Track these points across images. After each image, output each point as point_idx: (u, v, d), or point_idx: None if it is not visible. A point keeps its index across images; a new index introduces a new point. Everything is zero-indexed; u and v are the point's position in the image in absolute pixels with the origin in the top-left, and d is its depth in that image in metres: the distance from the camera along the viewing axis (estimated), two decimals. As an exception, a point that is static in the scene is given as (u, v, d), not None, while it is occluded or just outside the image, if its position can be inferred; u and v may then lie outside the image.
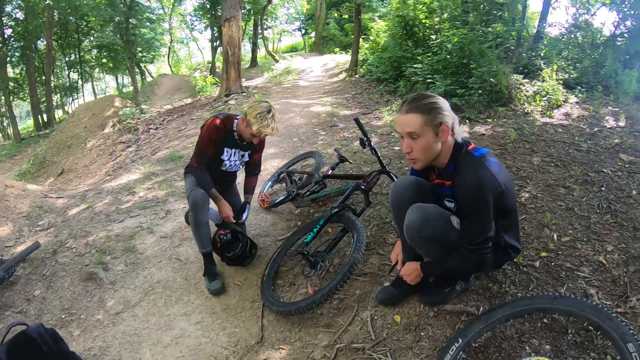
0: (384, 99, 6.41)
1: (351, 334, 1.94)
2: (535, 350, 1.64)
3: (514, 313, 1.57)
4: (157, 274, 2.66)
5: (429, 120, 1.53)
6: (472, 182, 1.52)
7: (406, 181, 1.84)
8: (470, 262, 1.64)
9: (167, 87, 13.94)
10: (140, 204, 3.54)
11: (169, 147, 5.54)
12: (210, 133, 2.45)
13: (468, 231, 1.59)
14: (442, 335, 1.79)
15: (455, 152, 1.61)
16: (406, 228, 1.68)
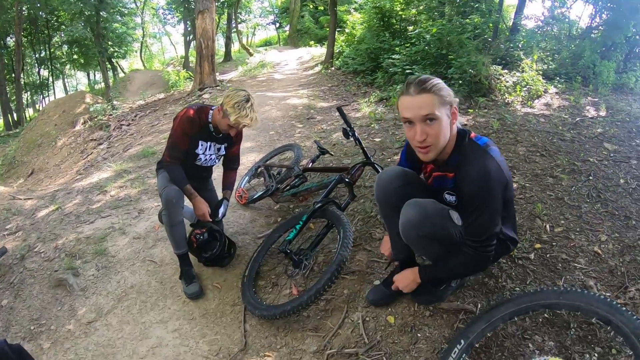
0: (362, 90, 6.29)
1: (342, 338, 1.79)
2: (539, 347, 1.55)
3: (518, 310, 1.46)
4: (130, 278, 2.45)
5: (444, 100, 1.37)
6: (479, 174, 1.38)
7: (392, 172, 1.68)
8: (474, 262, 1.50)
9: (140, 83, 13.54)
10: (111, 203, 3.35)
11: (141, 143, 5.31)
12: (184, 125, 2.23)
13: (473, 227, 1.45)
14: (440, 335, 1.67)
15: (459, 141, 1.47)
16: (403, 226, 1.52)
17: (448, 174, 1.55)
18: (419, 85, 1.37)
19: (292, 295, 2.19)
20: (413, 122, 1.39)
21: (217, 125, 2.29)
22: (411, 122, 1.40)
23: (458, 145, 1.47)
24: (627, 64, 4.38)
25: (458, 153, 1.47)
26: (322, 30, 14.30)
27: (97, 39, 12.23)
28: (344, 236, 2.01)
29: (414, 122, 1.39)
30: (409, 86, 1.40)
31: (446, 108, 1.38)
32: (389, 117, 4.67)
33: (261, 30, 31.69)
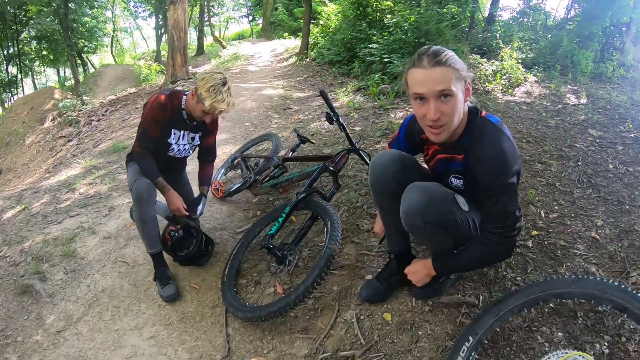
0: (338, 81, 6.13)
1: (335, 339, 1.63)
2: (547, 340, 1.45)
3: (528, 301, 1.35)
4: (101, 282, 2.23)
5: (459, 74, 1.21)
6: (497, 154, 1.24)
7: (388, 156, 1.52)
8: (499, 250, 1.36)
9: (111, 78, 13.09)
10: (80, 201, 3.14)
11: (112, 138, 5.07)
12: (154, 112, 1.99)
13: (495, 212, 1.30)
14: (442, 332, 1.54)
15: (470, 120, 1.32)
16: (406, 212, 1.37)
17: (457, 155, 1.40)
18: (433, 57, 1.20)
19: (276, 294, 2.01)
20: (426, 98, 1.22)
21: (190, 112, 2.06)
22: (423, 98, 1.23)
23: (469, 124, 1.32)
24: (604, 53, 4.47)
25: (469, 133, 1.33)
26: (296, 22, 14.03)
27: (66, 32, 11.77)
28: (332, 228, 1.84)
29: (427, 99, 1.22)
30: (421, 57, 1.21)
31: (461, 83, 1.23)
32: (368, 105, 4.55)
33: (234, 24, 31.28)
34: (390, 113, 4.11)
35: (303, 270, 2.10)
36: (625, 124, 2.95)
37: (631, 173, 2.32)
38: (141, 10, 20.48)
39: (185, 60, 7.43)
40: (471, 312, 1.59)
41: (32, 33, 16.78)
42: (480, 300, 1.63)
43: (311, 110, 4.78)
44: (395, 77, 4.81)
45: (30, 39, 17.92)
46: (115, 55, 24.27)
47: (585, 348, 1.41)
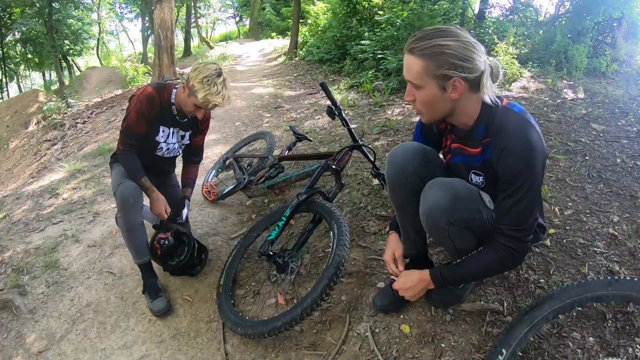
0: (330, 79, 6.01)
1: (348, 356, 1.48)
2: (579, 346, 1.34)
3: (563, 307, 1.23)
4: (86, 295, 2.04)
5: (432, 68, 1.09)
6: (522, 147, 1.11)
7: (409, 148, 1.39)
8: (511, 256, 1.22)
9: (97, 80, 12.83)
10: (64, 207, 2.98)
11: (97, 141, 4.94)
12: (141, 105, 1.80)
13: (514, 212, 1.17)
14: (467, 343, 1.41)
15: (485, 110, 1.19)
16: (428, 212, 1.24)
17: (471, 148, 1.28)
18: (411, 43, 1.12)
19: (279, 306, 1.85)
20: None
21: (181, 107, 1.88)
22: None
23: (485, 115, 1.19)
24: (597, 48, 4.48)
25: (487, 123, 1.19)
26: (284, 22, 13.88)
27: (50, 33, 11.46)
28: (339, 232, 1.68)
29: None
30: (408, 41, 1.15)
31: (438, 79, 1.10)
32: (363, 103, 4.44)
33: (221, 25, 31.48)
34: (387, 110, 4.00)
35: (306, 278, 1.96)
36: (627, 118, 2.91)
37: (638, 167, 2.26)
38: (127, 12, 20.36)
39: (172, 60, 7.26)
40: (496, 319, 1.47)
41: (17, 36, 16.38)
42: (505, 307, 1.51)
43: (304, 109, 4.63)
44: (389, 73, 4.71)
45: (15, 42, 17.46)
46: (102, 58, 24.02)
47: (618, 353, 1.31)
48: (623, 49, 4.52)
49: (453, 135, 1.34)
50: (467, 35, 1.11)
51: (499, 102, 1.19)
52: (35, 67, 19.37)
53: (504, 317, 1.47)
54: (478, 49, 1.11)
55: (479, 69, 1.11)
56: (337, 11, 6.48)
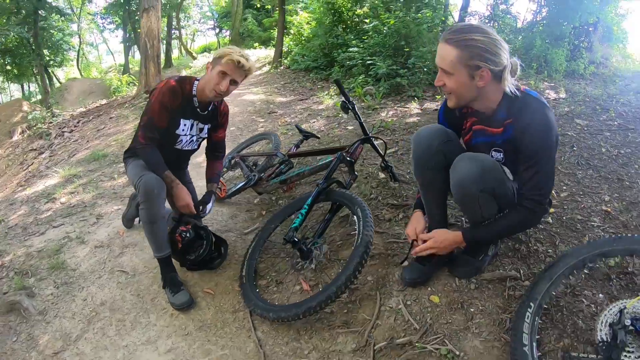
0: (318, 85, 6.25)
1: (384, 329, 1.61)
2: (591, 301, 1.55)
3: (577, 263, 1.45)
4: (99, 294, 2.06)
5: (465, 59, 1.32)
6: (541, 125, 1.36)
7: (433, 129, 1.61)
8: (529, 219, 1.48)
9: (78, 92, 12.82)
10: (63, 211, 2.99)
11: (88, 147, 4.99)
12: (164, 98, 1.89)
13: (536, 180, 1.41)
14: (494, 306, 1.59)
15: (507, 96, 1.42)
16: (461, 181, 1.43)
17: (492, 129, 1.50)
18: (450, 34, 1.36)
19: (304, 292, 1.96)
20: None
21: (202, 99, 1.99)
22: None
23: (507, 100, 1.43)
24: (574, 52, 4.96)
25: (508, 107, 1.43)
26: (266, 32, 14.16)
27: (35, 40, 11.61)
28: (364, 215, 1.84)
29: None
30: (445, 31, 1.39)
31: (469, 68, 1.34)
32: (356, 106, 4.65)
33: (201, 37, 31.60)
34: (380, 112, 4.24)
35: (327, 265, 2.08)
36: (608, 114, 3.27)
37: (623, 155, 2.57)
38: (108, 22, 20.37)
39: (159, 69, 7.36)
40: (516, 284, 1.66)
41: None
42: (522, 273, 1.70)
43: (297, 113, 4.81)
44: (378, 79, 4.99)
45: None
46: (82, 69, 24.06)
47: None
48: (599, 52, 5.03)
49: (474, 118, 1.56)
50: (495, 33, 1.35)
51: (517, 92, 1.42)
52: (14, 78, 19.13)
53: (522, 282, 1.66)
54: (504, 46, 1.35)
55: (503, 64, 1.35)
56: (322, 20, 6.78)
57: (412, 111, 4.28)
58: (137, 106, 6.62)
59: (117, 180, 3.44)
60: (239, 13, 16.49)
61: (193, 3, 25.16)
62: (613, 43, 5.60)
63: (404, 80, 4.74)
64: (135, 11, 16.05)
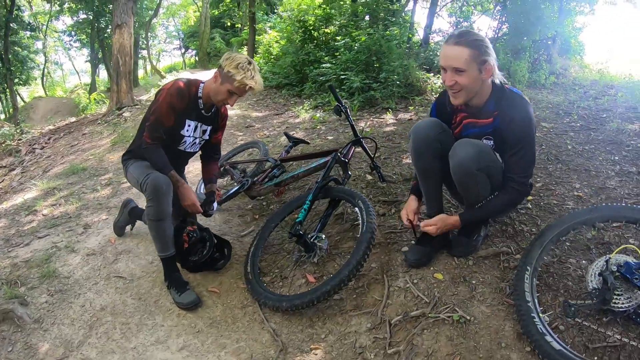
0: (291, 101, 6.47)
1: (396, 306, 1.77)
2: (576, 267, 1.79)
3: (562, 231, 1.70)
4: (97, 300, 2.06)
5: (476, 55, 1.59)
6: (523, 116, 1.65)
7: (429, 121, 1.85)
8: (516, 199, 1.76)
9: (44, 110, 12.60)
10: (47, 222, 2.99)
11: (64, 162, 4.93)
12: (172, 98, 2.00)
13: (521, 164, 1.69)
14: (493, 277, 1.80)
15: (495, 91, 1.70)
16: (461, 161, 1.66)
17: (483, 120, 1.76)
18: (457, 37, 1.62)
19: (310, 284, 2.07)
20: (445, 69, 1.64)
21: (207, 101, 2.12)
22: (444, 69, 1.65)
23: (495, 94, 1.70)
24: (535, 64, 5.57)
25: (496, 100, 1.70)
26: (234, 51, 14.49)
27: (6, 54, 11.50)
28: (365, 205, 2.02)
29: (446, 70, 1.64)
30: (449, 37, 1.64)
31: (478, 63, 1.60)
32: (332, 119, 4.92)
33: (166, 57, 31.70)
34: (358, 123, 4.51)
35: (328, 259, 2.21)
36: (570, 117, 3.72)
37: (587, 150, 2.96)
38: (74, 41, 20.16)
39: (131, 86, 7.34)
40: (509, 258, 1.89)
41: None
42: (512, 249, 1.94)
43: (275, 127, 4.98)
44: (352, 92, 5.31)
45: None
46: (47, 88, 23.41)
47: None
48: (558, 63, 5.68)
49: (464, 113, 1.83)
50: None
51: (505, 82, 1.71)
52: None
53: (514, 255, 1.90)
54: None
55: (494, 57, 1.64)
56: (292, 38, 7.11)
57: (388, 121, 4.60)
58: (110, 122, 6.57)
59: (100, 192, 3.43)
60: (207, 32, 16.74)
61: (159, 23, 25.48)
62: (571, 55, 6.34)
63: (377, 93, 5.09)
64: (104, 28, 15.92)
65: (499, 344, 1.50)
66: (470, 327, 1.58)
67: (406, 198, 2.57)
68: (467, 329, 1.57)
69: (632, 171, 2.59)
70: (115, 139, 5.31)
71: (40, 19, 19.64)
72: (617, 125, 3.30)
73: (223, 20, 15.73)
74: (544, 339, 1.37)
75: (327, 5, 6.92)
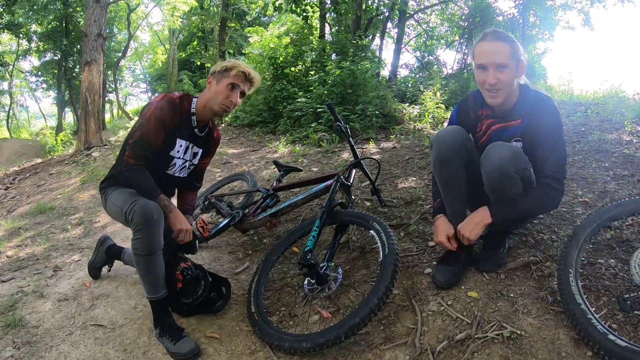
0: (266, 138, 6.40)
1: (434, 332, 1.59)
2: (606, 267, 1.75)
3: (594, 229, 1.65)
4: (74, 353, 1.74)
5: (515, 52, 1.59)
6: (554, 114, 1.64)
7: (454, 129, 1.78)
8: (554, 195, 1.65)
9: (9, 153, 12.20)
10: (11, 264, 2.76)
11: (30, 202, 4.81)
12: (162, 112, 1.78)
13: (554, 161, 1.63)
14: (529, 288, 1.69)
15: (523, 92, 1.70)
16: (498, 165, 1.56)
17: (512, 122, 1.73)
18: (494, 34, 1.62)
19: (325, 320, 1.85)
20: (486, 67, 1.60)
21: (202, 118, 1.94)
22: (485, 67, 1.60)
23: (522, 95, 1.70)
24: None
25: (522, 101, 1.70)
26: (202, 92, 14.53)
27: None
28: (382, 227, 1.87)
29: (487, 67, 1.59)
30: (486, 35, 1.64)
31: (516, 60, 1.61)
32: (312, 152, 4.87)
33: (132, 100, 31.61)
34: (340, 154, 4.47)
35: (341, 290, 2.01)
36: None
37: (578, 160, 3.04)
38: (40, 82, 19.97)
39: (99, 125, 7.14)
40: (540, 267, 1.79)
41: None
42: (540, 257, 1.85)
43: (254, 162, 4.84)
44: (331, 126, 5.32)
45: None
46: (12, 130, 22.78)
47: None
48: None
49: (491, 120, 1.78)
50: None
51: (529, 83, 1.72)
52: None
53: (545, 263, 1.81)
54: None
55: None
56: (264, 76, 7.17)
57: (372, 150, 4.59)
58: (79, 162, 6.31)
59: (71, 232, 3.13)
60: (174, 74, 16.76)
61: (125, 66, 25.45)
62: (536, 79, 6.79)
63: (356, 124, 5.13)
64: (72, 68, 15.57)
65: (558, 354, 1.37)
66: (523, 342, 1.43)
67: (413, 220, 2.48)
68: (521, 345, 1.42)
69: (625, 174, 2.66)
70: (85, 177, 5.00)
71: (7, 58, 19.25)
72: (598, 136, 3.44)
73: (192, 61, 15.87)
74: (608, 338, 1.27)
75: (296, 42, 7.11)
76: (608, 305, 1.53)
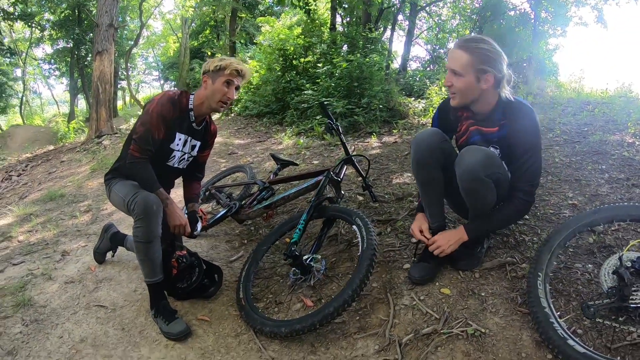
0: (273, 129, 6.50)
1: (404, 325, 1.69)
2: (583, 271, 1.79)
3: (568, 235, 1.70)
4: (77, 331, 1.91)
5: (475, 63, 1.63)
6: (530, 125, 1.68)
7: (432, 131, 1.85)
8: (522, 208, 1.75)
9: (22, 139, 12.52)
10: (22, 249, 2.90)
11: (41, 189, 4.97)
12: (163, 108, 1.94)
13: (530, 172, 1.69)
14: (501, 288, 1.76)
15: (502, 102, 1.73)
16: (469, 167, 1.63)
17: (490, 129, 1.79)
18: (463, 42, 1.69)
19: (308, 308, 1.97)
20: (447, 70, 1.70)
21: (199, 113, 2.08)
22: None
23: (502, 104, 1.73)
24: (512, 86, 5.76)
25: (503, 110, 1.74)
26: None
27: None
28: (364, 223, 1.98)
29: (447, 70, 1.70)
30: (458, 40, 1.72)
31: (476, 71, 1.64)
32: (316, 144, 4.95)
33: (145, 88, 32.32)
34: (341, 147, 4.53)
35: (325, 282, 2.12)
36: (554, 132, 3.84)
37: (575, 161, 3.04)
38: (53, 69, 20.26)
39: (110, 114, 7.34)
40: (515, 268, 1.86)
41: None
42: (517, 259, 1.91)
43: (258, 154, 4.96)
44: (336, 118, 5.38)
45: None
46: (25, 117, 23.41)
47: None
48: (535, 84, 5.94)
49: (470, 120, 1.85)
50: (498, 47, 1.68)
51: (511, 97, 1.74)
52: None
53: (520, 265, 1.87)
54: (505, 59, 1.69)
55: (504, 72, 1.68)
56: (273, 67, 7.26)
57: (373, 144, 4.65)
58: (90, 150, 6.52)
59: (79, 219, 3.30)
60: (186, 63, 16.99)
61: (138, 54, 25.91)
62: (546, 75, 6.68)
63: (361, 117, 5.19)
64: (84, 56, 15.84)
65: (518, 354, 1.45)
66: (486, 340, 1.51)
67: (401, 216, 2.57)
68: (483, 342, 1.51)
69: (621, 178, 2.66)
70: (95, 165, 5.20)
71: (20, 46, 19.73)
72: (599, 137, 3.43)
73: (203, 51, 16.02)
74: (567, 343, 1.33)
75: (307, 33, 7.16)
76: (577, 310, 1.58)
